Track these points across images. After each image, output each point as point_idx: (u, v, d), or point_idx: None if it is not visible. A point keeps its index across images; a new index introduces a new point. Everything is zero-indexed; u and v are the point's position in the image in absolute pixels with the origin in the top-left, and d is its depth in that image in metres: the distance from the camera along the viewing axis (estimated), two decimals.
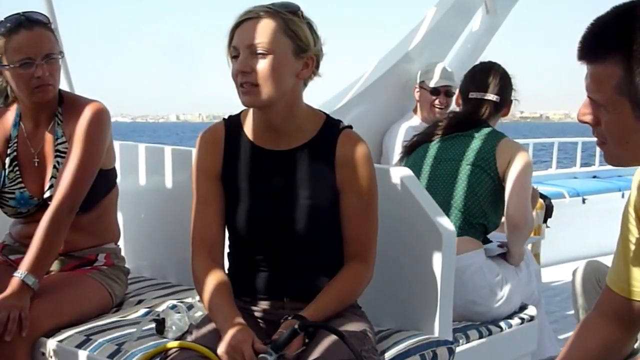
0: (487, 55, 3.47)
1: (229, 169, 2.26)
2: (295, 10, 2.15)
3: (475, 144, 3.09)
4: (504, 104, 3.25)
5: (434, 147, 3.19)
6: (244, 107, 2.24)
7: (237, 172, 2.25)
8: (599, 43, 1.49)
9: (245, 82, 2.10)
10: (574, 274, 3.00)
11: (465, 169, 3.07)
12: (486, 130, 3.13)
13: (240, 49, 2.10)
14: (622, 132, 1.50)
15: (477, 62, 3.52)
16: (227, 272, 2.31)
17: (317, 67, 2.21)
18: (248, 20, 2.12)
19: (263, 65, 2.09)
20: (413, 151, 3.25)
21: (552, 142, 8.20)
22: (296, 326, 1.95)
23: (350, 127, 2.28)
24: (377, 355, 2.15)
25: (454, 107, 3.64)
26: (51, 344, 2.50)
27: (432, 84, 4.24)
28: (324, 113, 2.31)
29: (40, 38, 2.65)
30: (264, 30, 2.09)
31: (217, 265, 2.23)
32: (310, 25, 2.18)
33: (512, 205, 3.00)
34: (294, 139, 2.22)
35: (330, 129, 2.24)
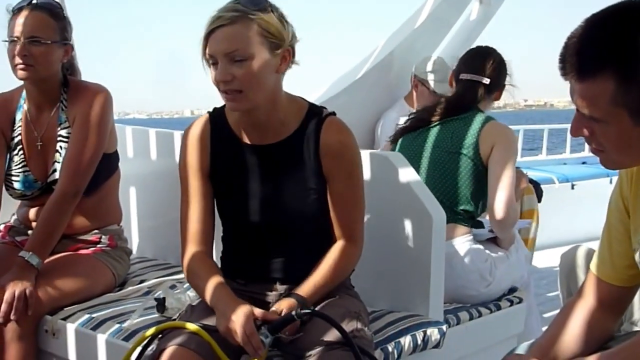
0: (492, 43, 3.44)
1: (216, 165, 2.28)
2: (264, 7, 2.11)
3: (461, 130, 3.07)
4: (495, 87, 3.21)
5: (423, 134, 3.16)
6: None
7: (224, 169, 2.28)
8: (584, 61, 1.48)
9: (228, 89, 2.09)
10: (562, 258, 3.05)
11: (449, 157, 3.05)
12: (473, 114, 3.10)
13: (218, 58, 2.07)
14: (622, 139, 1.52)
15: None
16: (221, 255, 2.37)
17: (294, 55, 2.19)
18: (220, 27, 2.07)
19: (244, 72, 2.07)
20: (403, 136, 3.24)
21: (542, 129, 8.27)
22: (294, 313, 1.99)
23: (333, 113, 2.29)
24: (370, 335, 2.20)
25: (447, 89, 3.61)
26: (55, 321, 2.56)
27: (435, 88, 4.20)
28: (306, 101, 2.32)
29: (32, 20, 2.69)
30: (239, 36, 2.06)
31: (208, 257, 2.28)
32: (280, 17, 2.14)
33: (493, 199, 2.96)
34: (278, 133, 2.23)
35: (314, 118, 2.24)
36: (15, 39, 2.68)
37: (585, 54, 1.48)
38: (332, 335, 2.02)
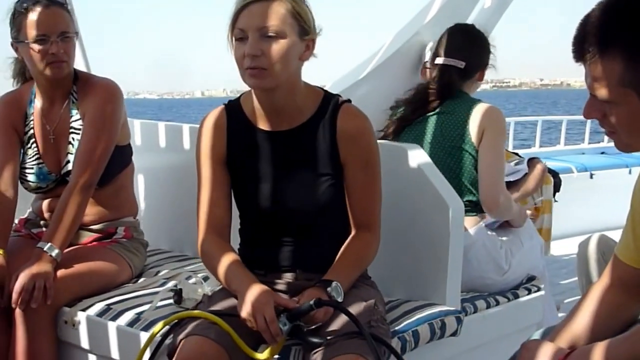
0: (505, 22, 3.30)
1: (233, 153, 2.30)
2: None
3: (449, 121, 2.98)
4: (475, 68, 3.09)
5: (411, 131, 3.07)
6: (246, 89, 2.28)
7: (241, 156, 2.30)
8: (593, 42, 1.51)
9: (255, 65, 2.10)
10: (580, 247, 3.04)
11: (444, 153, 2.97)
12: (458, 101, 3.00)
13: (249, 32, 2.09)
14: (632, 121, 1.54)
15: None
16: (239, 247, 2.38)
17: (314, 47, 2.23)
18: (255, 2, 2.10)
19: (274, 49, 2.09)
20: (397, 134, 3.13)
21: (561, 120, 8.26)
22: (312, 302, 2.01)
23: (349, 100, 2.31)
24: (386, 325, 2.21)
25: None
26: (73, 312, 2.58)
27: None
28: (322, 89, 2.33)
29: (56, 16, 2.72)
30: (274, 12, 2.09)
31: (225, 242, 2.30)
32: (308, 7, 2.19)
33: (482, 190, 2.91)
34: (294, 119, 2.25)
35: (329, 105, 2.26)
36: (44, 37, 2.69)
37: (596, 35, 1.51)
38: (349, 325, 2.03)
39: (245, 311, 2.03)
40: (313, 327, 2.06)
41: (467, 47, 3.08)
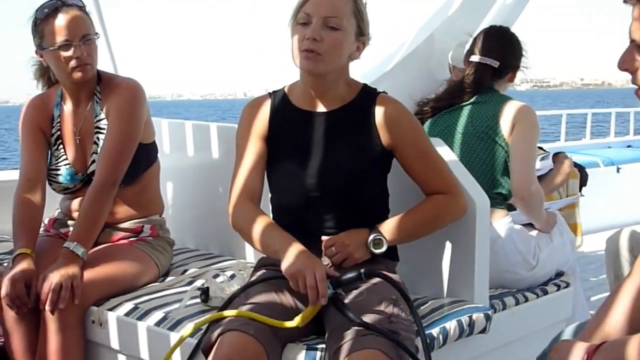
0: (544, 19, 3.33)
1: (273, 130, 2.40)
2: None
3: (479, 112, 3.04)
4: (507, 69, 3.16)
5: (440, 121, 3.13)
6: (292, 83, 2.42)
7: (281, 133, 2.40)
8: None
9: (312, 49, 2.24)
10: (608, 242, 3.00)
11: (472, 141, 3.00)
12: (489, 95, 3.07)
13: (314, 18, 2.25)
14: None
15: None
16: None
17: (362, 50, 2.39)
18: None
19: (332, 39, 2.25)
20: (429, 119, 3.18)
21: (586, 113, 8.20)
22: (362, 270, 2.10)
23: (384, 92, 2.43)
24: (408, 321, 2.19)
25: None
26: (101, 312, 2.59)
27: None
28: (362, 83, 2.46)
29: (76, 20, 2.76)
30: (340, 8, 2.27)
31: (258, 208, 2.35)
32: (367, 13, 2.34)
33: (514, 178, 2.93)
34: (334, 103, 2.38)
35: (367, 94, 2.41)
36: (67, 42, 2.73)
37: None
38: (381, 308, 2.09)
39: (294, 267, 2.08)
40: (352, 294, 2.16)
41: (502, 48, 3.15)
